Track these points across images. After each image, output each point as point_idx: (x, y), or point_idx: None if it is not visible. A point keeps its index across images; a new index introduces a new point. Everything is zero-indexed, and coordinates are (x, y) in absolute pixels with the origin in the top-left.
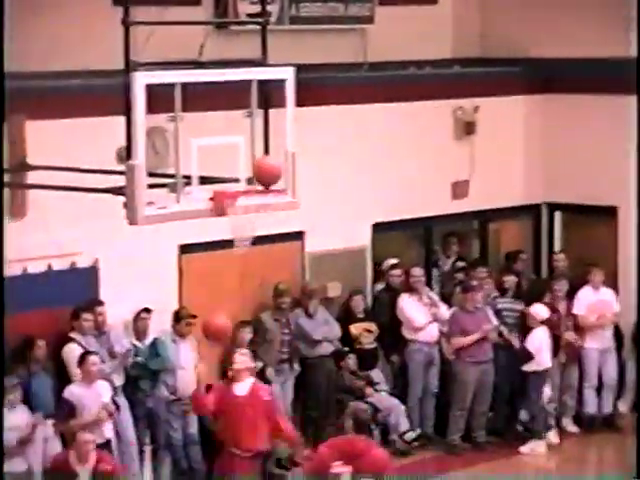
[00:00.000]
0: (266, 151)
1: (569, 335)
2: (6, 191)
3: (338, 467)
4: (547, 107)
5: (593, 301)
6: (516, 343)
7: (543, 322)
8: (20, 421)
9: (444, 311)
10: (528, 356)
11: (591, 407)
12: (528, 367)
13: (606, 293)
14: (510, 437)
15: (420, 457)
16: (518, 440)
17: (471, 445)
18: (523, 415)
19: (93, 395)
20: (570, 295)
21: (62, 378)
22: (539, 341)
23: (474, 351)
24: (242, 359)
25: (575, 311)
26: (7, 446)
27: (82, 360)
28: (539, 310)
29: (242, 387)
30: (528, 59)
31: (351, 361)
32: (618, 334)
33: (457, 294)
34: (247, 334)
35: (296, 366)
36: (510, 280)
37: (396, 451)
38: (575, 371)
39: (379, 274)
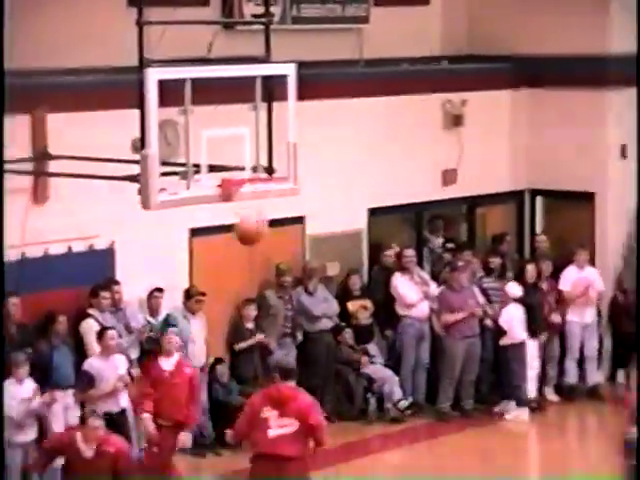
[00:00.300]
0: (269, 141)
1: (551, 312)
2: (29, 178)
3: (267, 411)
4: (530, 101)
5: (577, 279)
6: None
7: (517, 299)
8: (28, 394)
9: (434, 289)
10: (502, 331)
11: (572, 378)
12: (503, 341)
13: (590, 272)
14: (496, 405)
15: (412, 424)
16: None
17: (459, 413)
18: (507, 385)
19: (111, 367)
20: (554, 274)
21: (81, 352)
22: (511, 317)
23: (462, 327)
24: (172, 337)
25: (560, 287)
26: (15, 417)
27: (101, 335)
28: (513, 288)
29: (169, 362)
30: (513, 56)
31: (348, 335)
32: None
33: (445, 274)
34: (252, 310)
35: (299, 335)
36: (495, 261)
37: (390, 418)
38: (557, 344)
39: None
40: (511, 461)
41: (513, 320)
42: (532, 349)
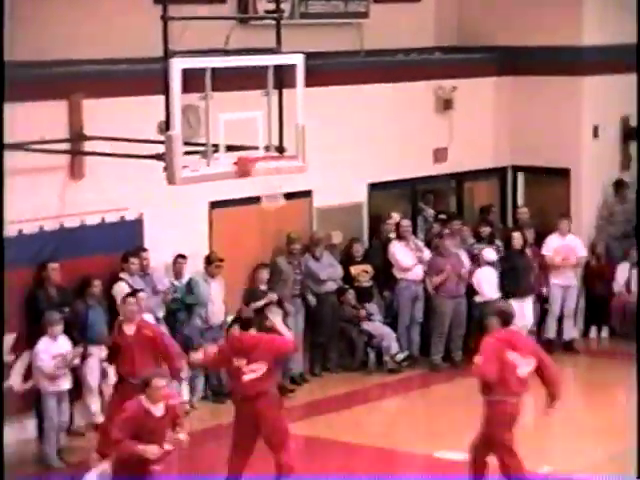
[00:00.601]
0: (280, 124)
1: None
2: (67, 157)
3: (236, 361)
4: (512, 87)
5: (560, 245)
6: None
7: (490, 263)
8: (61, 350)
9: (427, 255)
10: (475, 290)
11: (551, 333)
12: (477, 298)
13: (571, 239)
14: None
15: (407, 374)
16: None
17: (450, 364)
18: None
19: None
20: (536, 242)
21: (113, 312)
22: (483, 277)
23: (449, 287)
24: (131, 308)
25: (543, 252)
26: (50, 370)
27: (133, 296)
28: (488, 253)
29: (130, 328)
30: (497, 47)
31: (351, 296)
32: None
33: (435, 241)
34: (265, 274)
35: (311, 298)
36: (485, 230)
37: (388, 370)
38: (537, 304)
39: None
40: None
41: (483, 281)
42: (520, 309)
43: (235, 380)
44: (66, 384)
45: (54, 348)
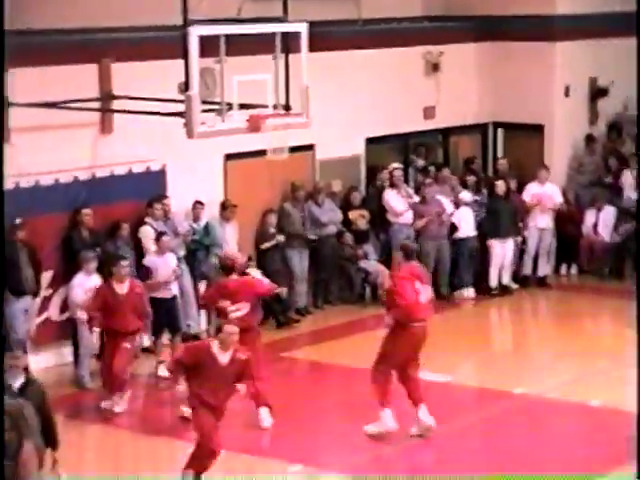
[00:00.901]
0: (286, 85)
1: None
2: (97, 115)
3: (222, 302)
4: (492, 52)
5: (538, 192)
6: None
7: (466, 204)
8: (94, 284)
9: (416, 201)
10: (455, 227)
11: (527, 270)
12: (455, 235)
13: (549, 187)
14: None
15: None
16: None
17: (437, 297)
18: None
19: (164, 263)
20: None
21: (139, 251)
22: (461, 217)
23: (432, 230)
24: (124, 269)
25: (524, 198)
26: (82, 302)
27: (158, 238)
28: (465, 196)
29: (122, 287)
30: (479, 16)
31: (349, 238)
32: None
33: (421, 189)
34: (274, 218)
35: (313, 236)
36: (471, 179)
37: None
38: (516, 243)
39: (373, 176)
40: (478, 335)
41: (461, 220)
42: (501, 249)
43: (222, 318)
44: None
45: (88, 283)
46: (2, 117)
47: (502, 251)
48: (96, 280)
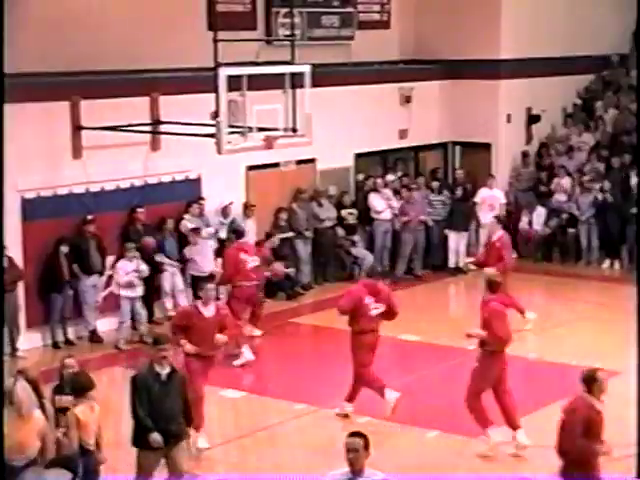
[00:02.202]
0: (293, 112)
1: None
2: (148, 136)
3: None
4: (452, 87)
5: (487, 195)
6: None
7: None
8: (135, 268)
9: (395, 203)
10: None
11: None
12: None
13: (497, 191)
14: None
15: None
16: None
17: (413, 277)
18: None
19: (202, 250)
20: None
21: (180, 241)
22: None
23: (412, 224)
24: (210, 293)
25: (475, 200)
26: (124, 282)
27: (195, 231)
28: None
29: (209, 310)
30: (442, 60)
31: (341, 230)
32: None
33: (404, 193)
34: (284, 215)
35: (308, 233)
36: (435, 185)
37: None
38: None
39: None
40: (441, 305)
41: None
42: (457, 239)
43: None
44: (140, 291)
45: (129, 267)
46: (2, 119)
47: (459, 241)
48: (137, 264)
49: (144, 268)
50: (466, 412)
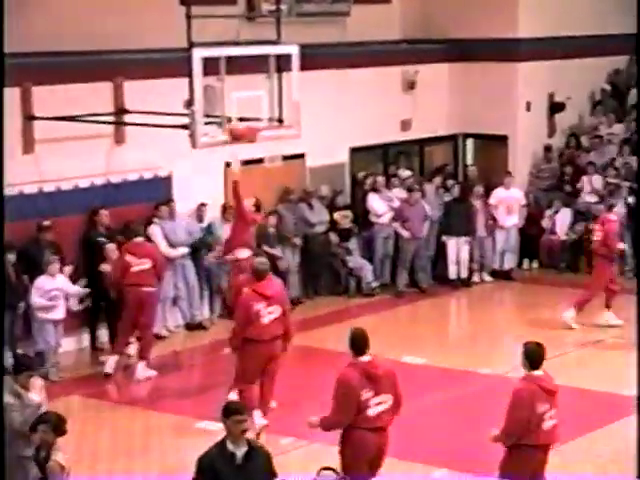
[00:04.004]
0: (279, 100)
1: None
2: (111, 127)
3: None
4: (462, 71)
5: (505, 196)
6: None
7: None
8: (59, 286)
9: (397, 204)
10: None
11: (495, 264)
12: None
13: (514, 191)
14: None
15: (380, 298)
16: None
17: (418, 289)
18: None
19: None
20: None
21: None
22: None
23: (413, 230)
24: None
25: (490, 202)
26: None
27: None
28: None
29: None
30: (451, 39)
31: (334, 237)
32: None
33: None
34: (274, 219)
35: (298, 240)
36: (437, 180)
37: (365, 294)
38: (490, 242)
39: (356, 182)
40: (449, 322)
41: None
42: (455, 245)
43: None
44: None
45: (49, 285)
46: (1, 123)
47: (457, 248)
48: (60, 282)
49: (75, 289)
50: (475, 448)
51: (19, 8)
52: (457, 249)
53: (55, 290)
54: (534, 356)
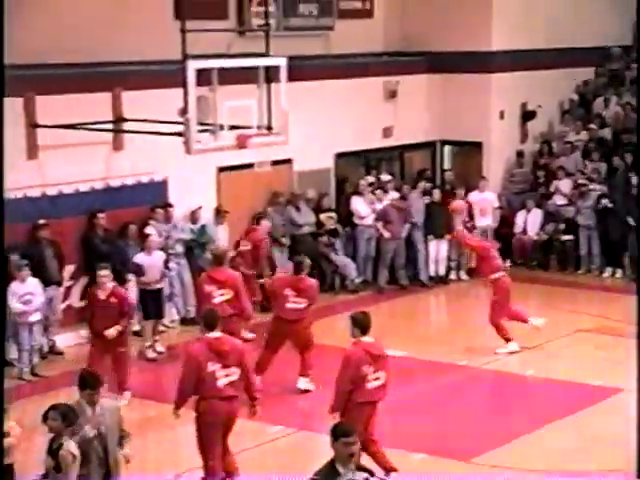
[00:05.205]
0: (268, 109)
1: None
2: (109, 134)
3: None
4: (441, 81)
5: (479, 199)
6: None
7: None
8: (29, 290)
9: (379, 206)
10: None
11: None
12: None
13: (488, 194)
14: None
15: (363, 294)
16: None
17: (398, 286)
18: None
19: (151, 260)
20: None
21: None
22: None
23: (393, 231)
24: (103, 279)
25: (455, 204)
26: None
27: (145, 238)
28: None
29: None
30: (429, 52)
31: (324, 238)
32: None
33: (391, 199)
34: (268, 221)
35: (285, 240)
36: (422, 185)
37: (349, 291)
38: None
39: (340, 185)
40: (429, 317)
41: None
42: (436, 245)
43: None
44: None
45: (22, 289)
46: (1, 125)
47: (438, 248)
48: (31, 286)
49: (41, 299)
50: (455, 435)
51: (23, 23)
52: (437, 249)
53: (27, 294)
54: (362, 324)
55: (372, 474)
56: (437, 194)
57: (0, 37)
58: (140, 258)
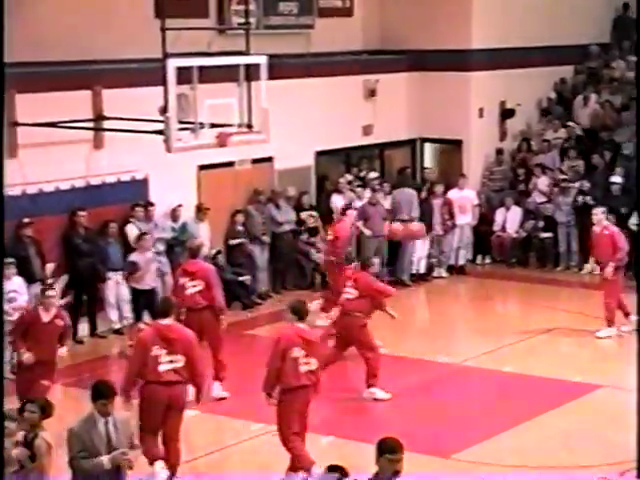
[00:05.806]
0: (249, 107)
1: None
2: (90, 133)
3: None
4: (420, 80)
5: (458, 197)
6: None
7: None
8: (14, 287)
9: (358, 204)
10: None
11: (450, 260)
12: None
13: (468, 192)
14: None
15: None
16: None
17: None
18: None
19: (145, 260)
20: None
21: (126, 246)
22: None
23: (374, 229)
24: (50, 300)
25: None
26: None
27: (139, 237)
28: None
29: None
30: (409, 50)
31: (304, 237)
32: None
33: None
34: (240, 218)
35: (266, 238)
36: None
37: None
38: (448, 239)
39: (321, 183)
40: (408, 314)
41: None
42: (420, 242)
43: (180, 294)
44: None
45: (8, 287)
46: (2, 129)
47: (422, 244)
48: (16, 284)
49: (25, 297)
50: (435, 431)
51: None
52: (418, 247)
53: (12, 292)
54: (299, 311)
55: (346, 474)
56: (424, 192)
57: (0, 37)
58: (134, 257)
